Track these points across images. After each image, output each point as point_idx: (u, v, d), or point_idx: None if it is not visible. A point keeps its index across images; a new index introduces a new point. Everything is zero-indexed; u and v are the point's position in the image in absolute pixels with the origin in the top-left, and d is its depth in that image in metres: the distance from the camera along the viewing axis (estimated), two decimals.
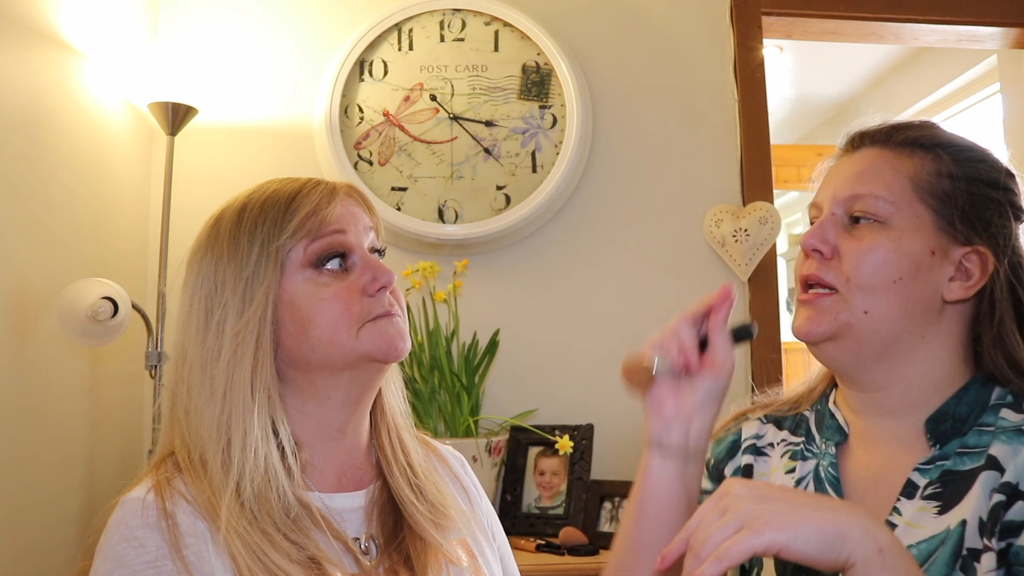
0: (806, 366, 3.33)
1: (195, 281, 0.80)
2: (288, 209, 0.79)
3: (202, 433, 0.75)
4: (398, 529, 0.82)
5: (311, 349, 0.78)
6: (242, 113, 2.04)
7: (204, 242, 0.82)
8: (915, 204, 0.74)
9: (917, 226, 0.74)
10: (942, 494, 0.70)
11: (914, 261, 0.73)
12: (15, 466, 1.43)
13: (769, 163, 2.10)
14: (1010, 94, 2.78)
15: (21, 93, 1.47)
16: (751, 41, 2.12)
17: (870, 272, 0.73)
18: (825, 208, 0.79)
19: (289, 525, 0.73)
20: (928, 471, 0.72)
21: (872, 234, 0.74)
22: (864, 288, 0.74)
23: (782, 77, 3.77)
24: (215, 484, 0.73)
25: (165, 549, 0.69)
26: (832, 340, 0.76)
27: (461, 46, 2.04)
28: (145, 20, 1.98)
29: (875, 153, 0.78)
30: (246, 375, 0.76)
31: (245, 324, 0.76)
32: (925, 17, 2.19)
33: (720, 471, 0.90)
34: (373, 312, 0.79)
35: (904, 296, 0.73)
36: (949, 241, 0.74)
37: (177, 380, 0.79)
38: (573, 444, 1.79)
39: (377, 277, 0.80)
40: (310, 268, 0.79)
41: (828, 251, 0.76)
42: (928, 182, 0.75)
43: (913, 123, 0.80)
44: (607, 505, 1.85)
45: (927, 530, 0.69)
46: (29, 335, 1.48)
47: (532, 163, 2.01)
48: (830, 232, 0.77)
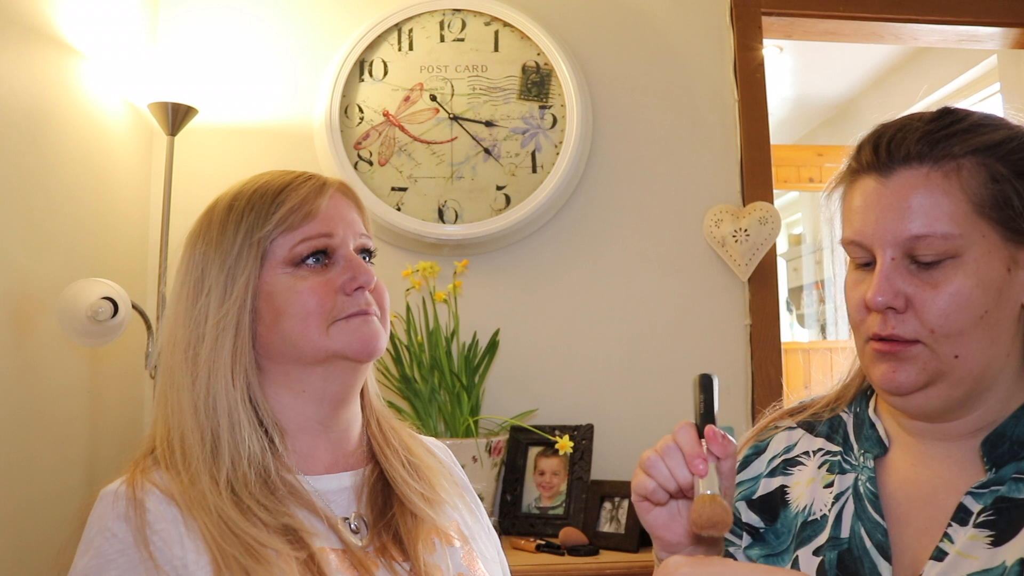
0: (806, 366, 3.34)
1: (185, 266, 0.82)
2: (275, 201, 0.80)
3: (184, 414, 0.77)
4: (388, 508, 0.82)
5: (282, 341, 0.79)
6: (242, 113, 2.04)
7: (197, 229, 0.83)
8: (980, 224, 0.66)
9: (988, 248, 0.66)
10: (996, 523, 0.66)
11: (995, 287, 0.66)
12: (15, 466, 1.43)
13: (769, 163, 2.10)
14: (1010, 94, 2.78)
15: (21, 93, 1.47)
16: (751, 41, 2.12)
17: (956, 318, 0.66)
18: (877, 251, 0.69)
19: (267, 496, 0.74)
20: (982, 496, 0.67)
21: (948, 276, 0.66)
22: (952, 335, 0.66)
23: (782, 77, 3.77)
24: (193, 467, 0.74)
25: (131, 538, 0.70)
26: (924, 390, 0.69)
27: (461, 46, 2.04)
28: (145, 20, 1.98)
29: (920, 177, 0.68)
30: (226, 361, 0.77)
31: (225, 313, 0.77)
32: (925, 17, 2.19)
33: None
34: (347, 310, 0.80)
35: (991, 325, 0.67)
36: (1018, 247, 0.67)
37: (164, 364, 0.81)
38: (573, 444, 1.79)
39: (356, 276, 0.80)
40: (291, 265, 0.80)
41: (902, 306, 0.68)
42: (985, 196, 0.66)
43: (942, 123, 0.70)
44: (607, 505, 1.85)
45: (979, 562, 0.65)
46: (29, 335, 1.48)
47: (532, 163, 2.01)
48: (897, 282, 0.68)
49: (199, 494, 0.72)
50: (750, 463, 0.86)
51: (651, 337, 2.04)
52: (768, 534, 0.81)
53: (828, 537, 0.74)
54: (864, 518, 0.73)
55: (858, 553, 0.71)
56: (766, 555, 0.80)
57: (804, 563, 0.75)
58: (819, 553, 0.74)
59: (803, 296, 5.19)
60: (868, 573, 0.70)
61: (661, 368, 2.04)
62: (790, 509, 0.79)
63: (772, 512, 0.81)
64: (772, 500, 0.82)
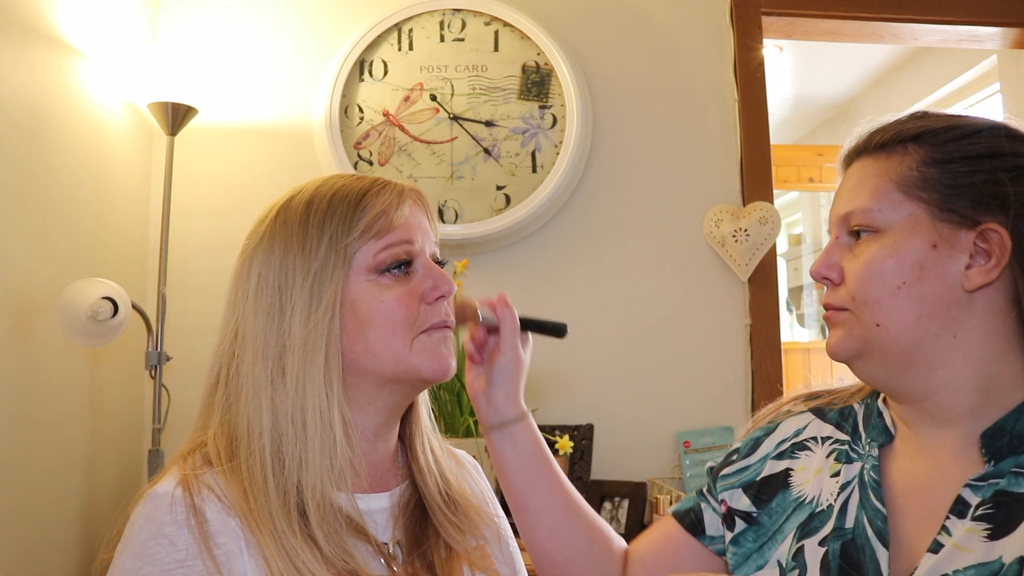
0: (806, 366, 3.34)
1: (257, 271, 0.78)
2: (358, 207, 0.78)
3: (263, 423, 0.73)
4: (422, 533, 0.81)
5: (365, 351, 0.77)
6: (242, 113, 2.04)
7: (270, 230, 0.79)
8: (905, 203, 0.72)
9: (912, 225, 0.71)
10: (994, 516, 0.66)
11: (915, 260, 0.70)
12: (15, 466, 1.43)
13: (769, 163, 2.10)
14: (1010, 94, 2.79)
15: (21, 93, 1.47)
16: (751, 41, 2.12)
17: (869, 284, 0.72)
18: (833, 230, 0.79)
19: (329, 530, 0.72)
20: (981, 489, 0.68)
21: (867, 246, 0.73)
22: (869, 302, 0.72)
23: (782, 77, 3.77)
24: (255, 476, 0.71)
25: (195, 548, 0.67)
26: (859, 357, 0.75)
27: (461, 46, 2.04)
28: (145, 20, 1.98)
29: (861, 165, 0.77)
30: (319, 375, 0.74)
31: (316, 325, 0.75)
32: (925, 17, 2.19)
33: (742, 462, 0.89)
34: (430, 321, 0.79)
35: (914, 299, 0.70)
36: (954, 229, 0.70)
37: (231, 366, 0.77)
38: (573, 444, 1.79)
39: (438, 285, 0.80)
40: (375, 272, 0.78)
41: (836, 276, 0.76)
42: (912, 177, 0.72)
43: (896, 120, 0.77)
44: (607, 505, 1.85)
45: (975, 555, 0.65)
46: (29, 335, 1.48)
47: (532, 163, 2.01)
48: (835, 256, 0.76)
49: (267, 517, 0.70)
50: (760, 444, 0.89)
51: (651, 337, 2.04)
52: (761, 516, 0.83)
53: (833, 528, 0.75)
54: (867, 506, 0.74)
55: (861, 543, 0.73)
56: (759, 539, 0.82)
57: (810, 554, 0.76)
58: (824, 544, 0.75)
59: (803, 296, 5.19)
60: (868, 562, 0.71)
61: (661, 368, 2.04)
62: (790, 492, 0.82)
63: (770, 493, 0.84)
64: (773, 481, 0.84)
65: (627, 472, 1.95)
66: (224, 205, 2.00)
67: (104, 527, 1.67)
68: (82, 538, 1.64)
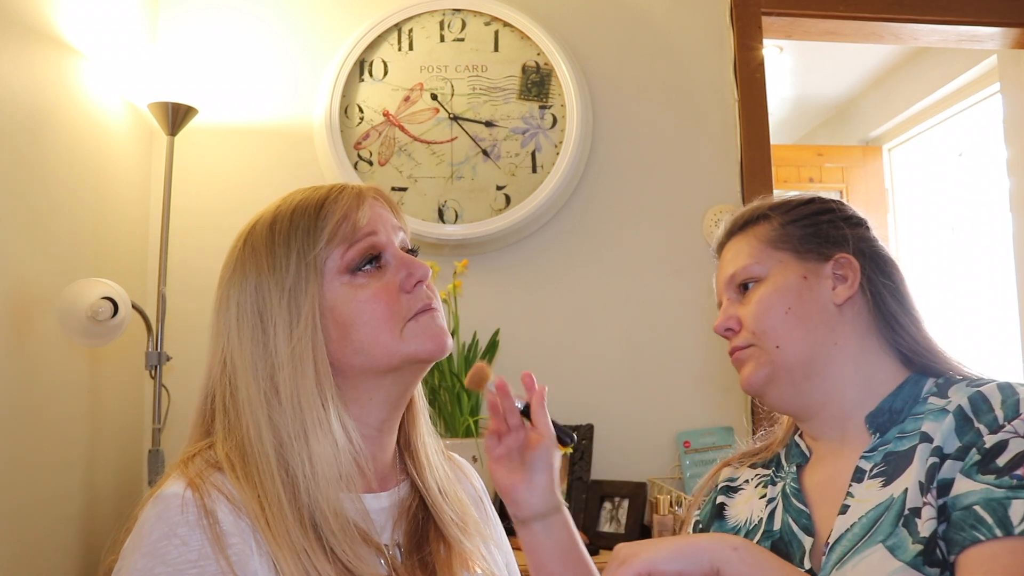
0: None
1: (235, 300, 0.79)
2: (319, 216, 0.78)
3: (264, 440, 0.74)
4: (420, 532, 0.82)
5: (355, 352, 0.77)
6: (242, 113, 2.04)
7: (240, 258, 0.80)
8: (775, 254, 0.92)
9: (783, 267, 0.91)
10: (886, 471, 0.81)
11: (793, 290, 0.89)
12: (15, 466, 1.43)
13: (769, 163, 2.10)
14: (1010, 94, 2.78)
15: (21, 93, 1.47)
16: (751, 41, 2.12)
17: (764, 316, 0.89)
18: (722, 297, 0.96)
19: (344, 540, 0.72)
20: (872, 456, 0.84)
21: (755, 292, 0.91)
22: (767, 330, 0.89)
23: (782, 77, 3.76)
24: (269, 494, 0.72)
25: (208, 548, 0.67)
26: (770, 383, 0.89)
27: (461, 46, 2.04)
28: (145, 20, 1.98)
29: (733, 243, 0.97)
30: (311, 388, 0.75)
31: (299, 339, 0.75)
32: (925, 17, 2.19)
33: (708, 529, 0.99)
34: (414, 308, 0.79)
35: (800, 318, 0.88)
36: (816, 263, 0.90)
37: (226, 395, 0.77)
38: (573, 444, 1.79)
39: (412, 272, 0.80)
40: (347, 274, 0.78)
41: (736, 324, 0.92)
42: (777, 235, 0.92)
43: (747, 208, 0.98)
44: (607, 505, 1.85)
45: (873, 501, 0.79)
46: (29, 335, 1.48)
47: (532, 163, 2.01)
48: (730, 311, 0.93)
49: (284, 532, 0.70)
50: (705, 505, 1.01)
51: (651, 337, 2.04)
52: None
53: (763, 532, 0.89)
54: (790, 509, 0.88)
55: (788, 538, 0.86)
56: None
57: None
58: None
59: None
60: (796, 551, 0.84)
61: (661, 368, 2.04)
62: (726, 522, 0.96)
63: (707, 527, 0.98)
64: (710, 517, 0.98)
65: (627, 472, 1.95)
66: (224, 205, 2.00)
67: (104, 526, 1.67)
68: (82, 537, 1.64)
